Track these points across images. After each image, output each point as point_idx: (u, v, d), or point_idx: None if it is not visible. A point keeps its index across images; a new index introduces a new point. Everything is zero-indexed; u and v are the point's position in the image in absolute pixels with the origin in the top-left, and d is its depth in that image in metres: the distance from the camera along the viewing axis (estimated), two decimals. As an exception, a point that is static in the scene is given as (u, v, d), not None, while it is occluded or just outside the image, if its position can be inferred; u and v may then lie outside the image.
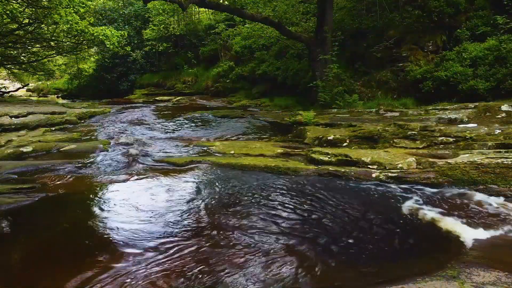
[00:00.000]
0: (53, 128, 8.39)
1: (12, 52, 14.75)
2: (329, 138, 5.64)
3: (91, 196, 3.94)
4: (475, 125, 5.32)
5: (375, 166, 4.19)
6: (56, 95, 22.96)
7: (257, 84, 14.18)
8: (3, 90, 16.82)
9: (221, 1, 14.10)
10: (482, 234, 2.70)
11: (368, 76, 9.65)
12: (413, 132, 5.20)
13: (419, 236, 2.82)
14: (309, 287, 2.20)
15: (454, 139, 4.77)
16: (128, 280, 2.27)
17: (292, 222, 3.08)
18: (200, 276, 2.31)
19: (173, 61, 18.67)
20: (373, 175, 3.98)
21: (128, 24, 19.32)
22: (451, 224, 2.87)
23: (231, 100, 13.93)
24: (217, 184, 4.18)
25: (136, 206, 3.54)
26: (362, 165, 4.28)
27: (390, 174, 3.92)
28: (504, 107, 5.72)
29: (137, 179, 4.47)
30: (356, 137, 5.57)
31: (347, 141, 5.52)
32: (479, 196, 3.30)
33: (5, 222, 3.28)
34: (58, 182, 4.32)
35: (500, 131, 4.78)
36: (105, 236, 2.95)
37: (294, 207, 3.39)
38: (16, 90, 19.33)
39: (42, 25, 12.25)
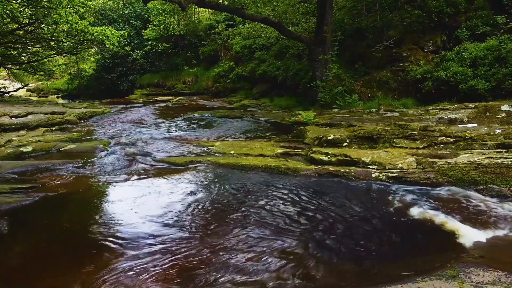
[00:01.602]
0: (53, 128, 8.40)
1: (12, 52, 14.76)
2: (329, 138, 5.64)
3: (91, 196, 3.94)
4: (475, 125, 5.33)
5: (375, 166, 4.19)
6: (56, 95, 22.99)
7: (257, 84, 14.18)
8: (3, 90, 16.80)
9: (220, 1, 14.09)
10: (482, 234, 2.70)
11: (368, 76, 9.65)
12: (413, 132, 5.20)
13: (418, 236, 2.82)
14: (309, 286, 2.20)
15: (454, 139, 4.77)
16: (129, 280, 2.27)
17: (292, 222, 3.08)
18: (200, 276, 2.31)
19: (173, 61, 18.68)
20: (373, 175, 3.98)
21: (128, 24, 19.34)
22: (451, 224, 2.87)
23: (231, 100, 13.94)
24: (217, 184, 4.18)
25: (136, 206, 3.55)
26: (362, 165, 4.29)
27: (390, 174, 3.92)
28: (504, 107, 5.72)
29: (137, 179, 4.48)
30: (356, 137, 5.57)
31: (347, 141, 5.52)
32: (479, 196, 3.30)
33: (5, 222, 3.28)
34: (58, 182, 4.32)
35: (500, 131, 4.78)
36: (105, 236, 2.94)
37: (294, 207, 3.39)
38: (16, 90, 19.32)
39: (42, 25, 12.26)
